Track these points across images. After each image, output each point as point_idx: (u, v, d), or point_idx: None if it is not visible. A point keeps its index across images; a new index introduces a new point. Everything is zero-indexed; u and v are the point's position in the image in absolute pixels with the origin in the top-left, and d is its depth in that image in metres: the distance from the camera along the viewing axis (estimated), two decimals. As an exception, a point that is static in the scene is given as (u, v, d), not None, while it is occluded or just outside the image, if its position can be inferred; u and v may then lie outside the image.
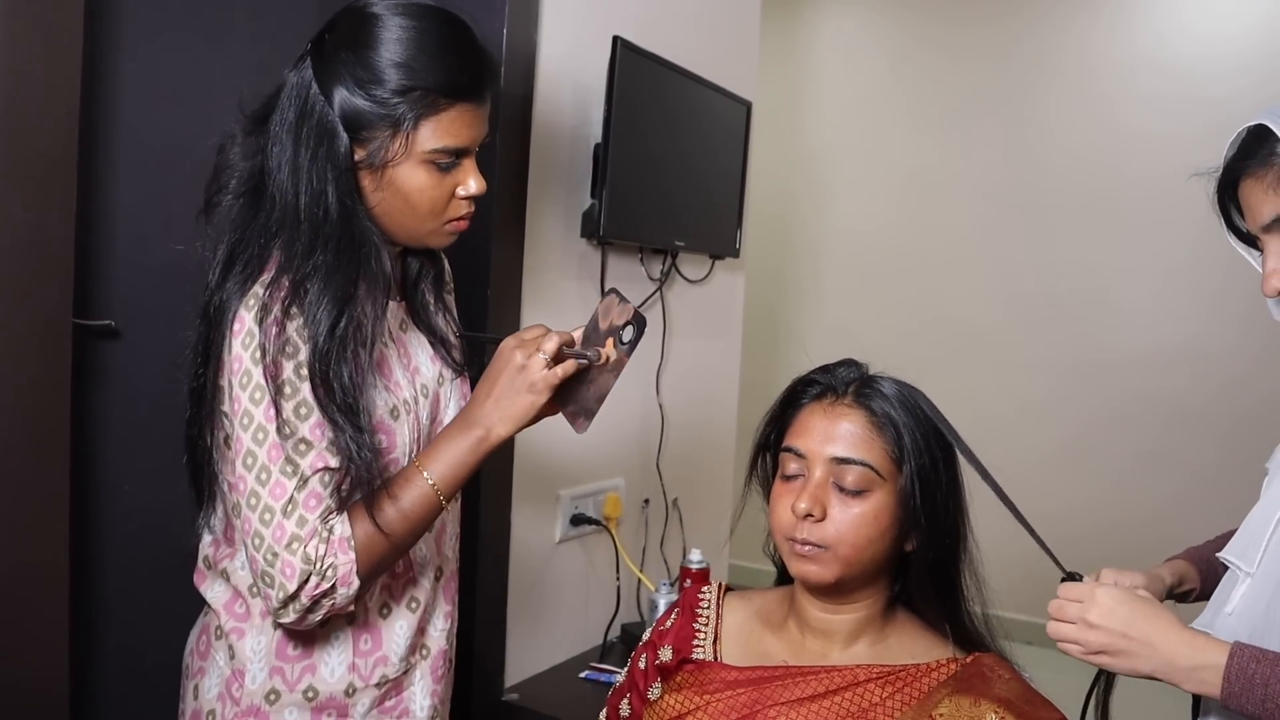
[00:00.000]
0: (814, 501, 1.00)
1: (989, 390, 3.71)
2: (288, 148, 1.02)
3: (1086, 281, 3.62)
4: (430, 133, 1.02)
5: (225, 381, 1.01)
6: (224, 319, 1.00)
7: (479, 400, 1.06)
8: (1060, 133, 3.65)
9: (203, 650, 1.11)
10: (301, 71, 1.03)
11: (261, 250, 1.02)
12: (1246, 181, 0.95)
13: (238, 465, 0.99)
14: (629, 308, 1.14)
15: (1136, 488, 3.53)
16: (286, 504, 0.97)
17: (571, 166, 1.92)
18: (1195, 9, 3.46)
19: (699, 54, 2.19)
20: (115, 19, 1.32)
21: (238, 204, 1.05)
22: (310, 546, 0.97)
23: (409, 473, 1.05)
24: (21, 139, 1.06)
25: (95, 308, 1.33)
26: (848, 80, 4.10)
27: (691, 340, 2.32)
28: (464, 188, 1.07)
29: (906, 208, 3.94)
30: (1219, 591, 1.04)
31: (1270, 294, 0.95)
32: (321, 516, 0.98)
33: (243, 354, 0.98)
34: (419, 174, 1.04)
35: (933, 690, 0.99)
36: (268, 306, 0.98)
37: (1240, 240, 1.03)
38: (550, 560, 1.96)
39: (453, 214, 1.09)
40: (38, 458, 1.10)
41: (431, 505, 1.05)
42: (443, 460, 1.05)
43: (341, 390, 0.99)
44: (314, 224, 1.01)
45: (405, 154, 1.02)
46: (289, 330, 0.98)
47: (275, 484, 0.97)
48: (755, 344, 3.32)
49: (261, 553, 0.97)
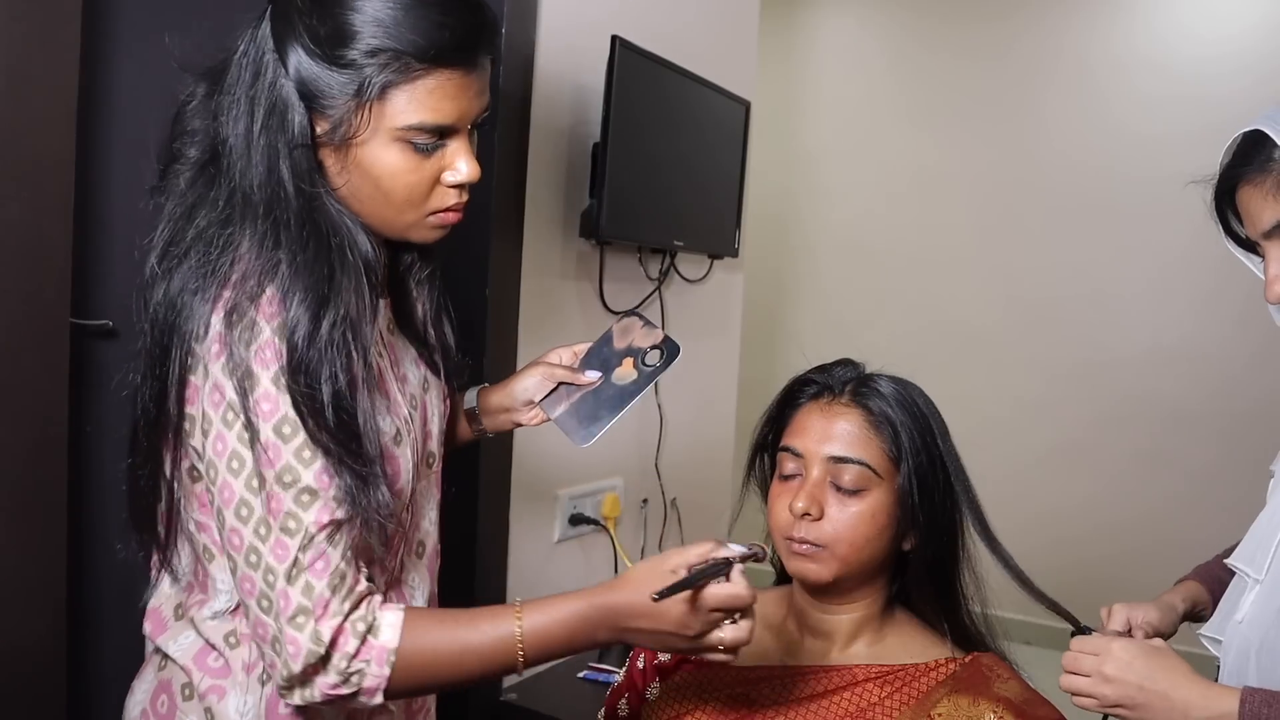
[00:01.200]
0: (811, 501, 1.00)
1: (986, 390, 3.71)
2: (242, 115, 0.86)
3: (1084, 282, 3.62)
4: (404, 104, 0.85)
5: (198, 410, 0.84)
6: (183, 326, 0.84)
7: (634, 611, 0.85)
8: (1058, 133, 3.66)
9: (164, 714, 0.92)
10: (259, 26, 0.87)
11: (218, 237, 0.86)
12: (1245, 188, 0.94)
13: (228, 515, 0.83)
14: (659, 333, 1.10)
15: (1133, 487, 3.53)
16: (290, 568, 0.81)
17: (570, 166, 1.92)
18: (1193, 10, 3.46)
19: (698, 54, 2.19)
20: (113, 19, 1.32)
21: (192, 176, 0.89)
22: (324, 624, 0.81)
23: (500, 612, 0.86)
24: (19, 139, 1.06)
25: (93, 308, 1.32)
26: (846, 80, 4.10)
27: (690, 340, 2.31)
28: (451, 173, 0.90)
29: (904, 207, 3.95)
30: (1227, 597, 1.03)
31: (1273, 300, 0.94)
32: (331, 584, 0.82)
33: (225, 382, 0.82)
34: (390, 154, 0.86)
35: (931, 690, 0.99)
36: (252, 320, 0.82)
37: (1239, 246, 1.02)
38: (549, 560, 1.96)
39: (437, 204, 0.91)
40: (35, 458, 1.10)
41: (506, 662, 0.85)
42: (548, 623, 0.85)
43: (335, 414, 0.83)
44: (269, 208, 0.85)
45: (371, 129, 0.85)
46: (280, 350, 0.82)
47: (276, 542, 0.81)
48: (754, 343, 3.32)
49: (271, 617, 0.82)
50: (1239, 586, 1.01)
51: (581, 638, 0.87)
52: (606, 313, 2.03)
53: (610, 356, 1.10)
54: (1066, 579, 3.43)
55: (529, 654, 0.85)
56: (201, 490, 0.87)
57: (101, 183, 1.32)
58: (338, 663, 0.81)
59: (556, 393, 1.12)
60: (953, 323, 3.85)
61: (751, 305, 3.01)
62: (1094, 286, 3.61)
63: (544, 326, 1.88)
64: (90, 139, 1.28)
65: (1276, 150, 0.90)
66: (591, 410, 1.08)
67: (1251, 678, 0.95)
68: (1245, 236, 0.99)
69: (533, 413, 1.14)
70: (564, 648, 0.87)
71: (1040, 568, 1.08)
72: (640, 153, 1.96)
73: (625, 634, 0.87)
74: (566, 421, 1.09)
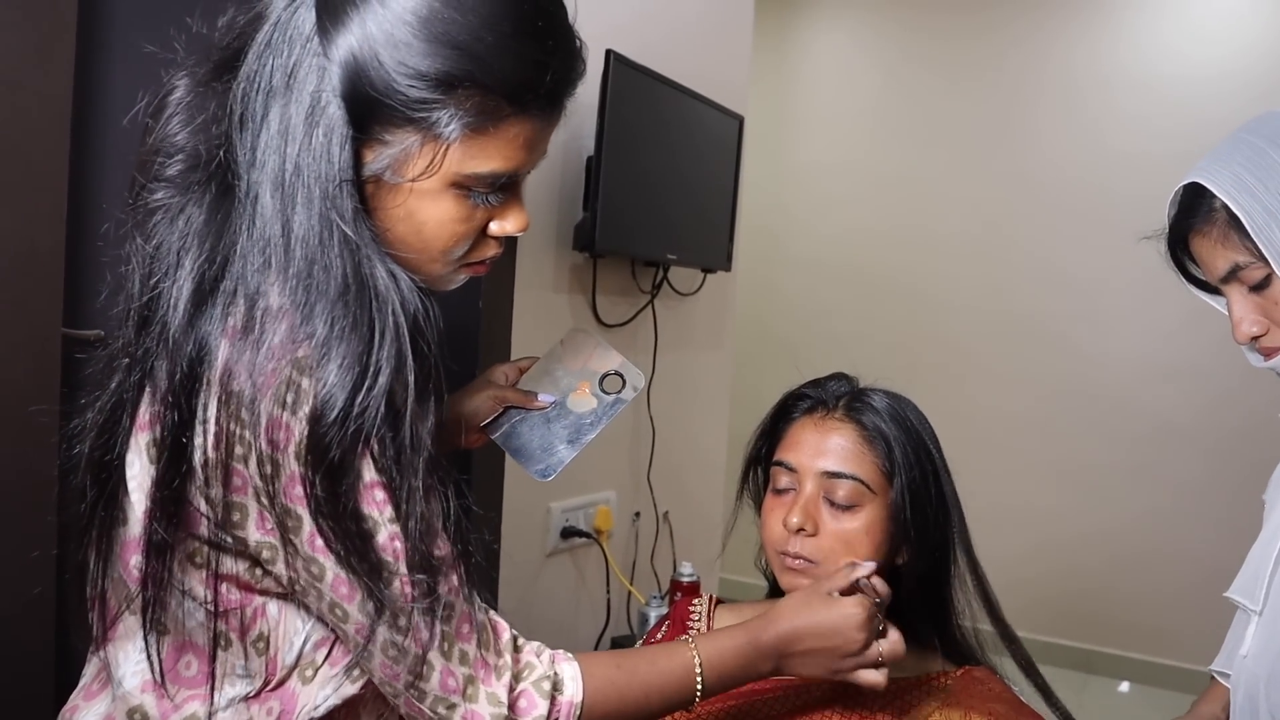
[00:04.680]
0: (805, 516, 1.00)
1: (977, 404, 3.73)
2: (269, 129, 0.68)
3: (1074, 296, 3.65)
4: (478, 150, 0.71)
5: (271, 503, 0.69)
6: (235, 405, 0.67)
7: (797, 636, 0.86)
8: (1048, 149, 3.69)
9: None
10: (293, 12, 0.69)
11: (254, 288, 0.68)
12: (1195, 238, 0.97)
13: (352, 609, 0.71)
14: (615, 356, 1.03)
15: (1123, 501, 3.54)
16: (441, 642, 0.73)
17: (564, 179, 1.92)
18: (1179, 32, 3.49)
19: (691, 68, 2.20)
20: (107, 28, 1.32)
21: (192, 203, 0.71)
22: (495, 686, 0.75)
23: (675, 647, 0.85)
24: (13, 148, 1.06)
25: (85, 319, 1.32)
26: (838, 95, 4.13)
27: (683, 353, 2.33)
28: (499, 223, 0.77)
29: (896, 222, 3.97)
30: (1233, 631, 1.03)
31: (1242, 341, 0.97)
32: (480, 641, 0.75)
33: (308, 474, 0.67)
34: (444, 202, 0.73)
35: (923, 703, 0.99)
36: (313, 404, 0.66)
37: (1200, 289, 1.05)
38: (540, 573, 1.95)
39: (475, 256, 0.79)
40: (27, 469, 1.10)
41: (685, 695, 0.83)
42: (722, 651, 0.85)
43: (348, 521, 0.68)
44: (308, 257, 0.68)
45: (432, 173, 0.71)
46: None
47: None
48: (746, 357, 3.33)
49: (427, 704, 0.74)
50: (1242, 620, 1.01)
51: (750, 668, 0.87)
52: (600, 326, 2.03)
53: (562, 377, 1.03)
54: (1057, 590, 3.46)
55: (707, 683, 0.84)
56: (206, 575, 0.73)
57: (94, 192, 1.32)
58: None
59: (504, 415, 1.04)
60: (945, 337, 3.86)
61: (744, 319, 3.02)
62: (1084, 301, 3.63)
63: (537, 339, 1.88)
64: (83, 148, 1.28)
65: (1216, 200, 0.92)
66: (545, 439, 1.01)
67: (1263, 712, 0.94)
68: (1205, 279, 1.01)
69: (474, 437, 1.03)
70: (736, 676, 0.87)
71: (1031, 578, 1.09)
72: (634, 166, 1.96)
73: (790, 659, 0.88)
74: (520, 451, 1.02)
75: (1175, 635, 3.35)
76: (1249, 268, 0.92)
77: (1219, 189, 0.91)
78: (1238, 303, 0.95)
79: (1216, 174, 0.92)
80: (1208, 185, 0.92)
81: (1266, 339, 0.95)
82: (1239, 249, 0.92)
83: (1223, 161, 0.93)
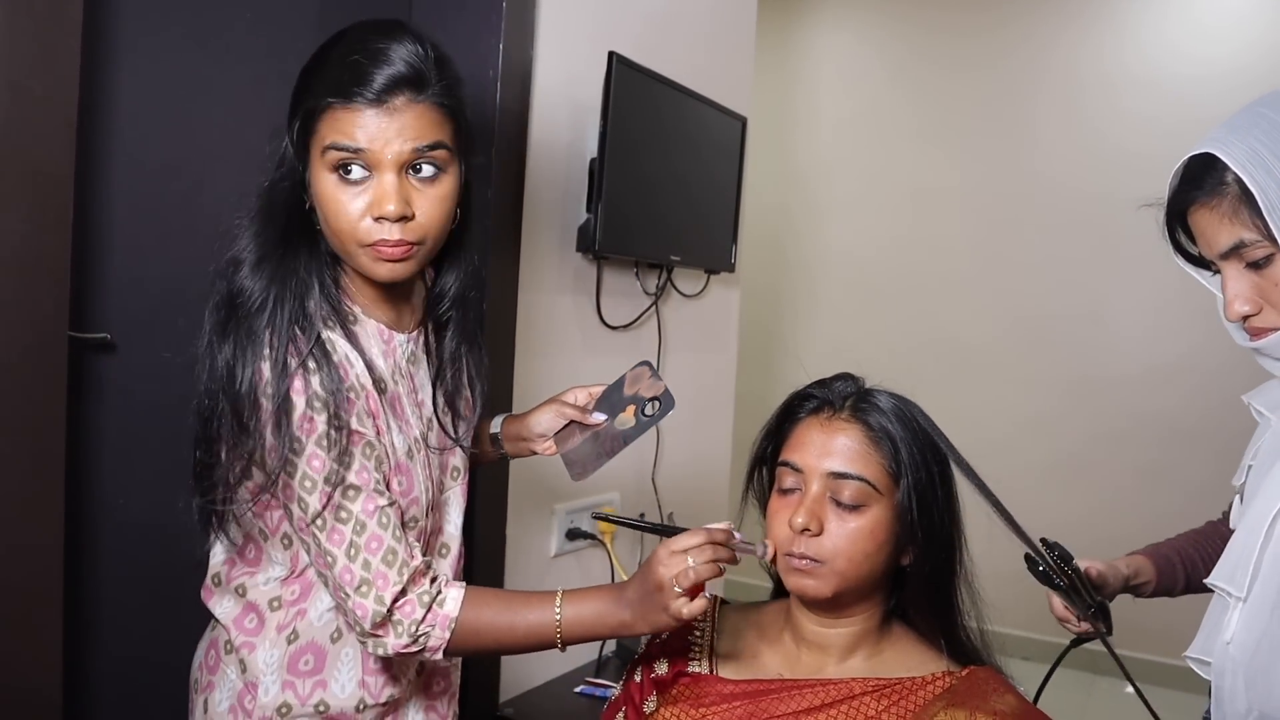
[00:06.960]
0: (811, 516, 1.00)
1: (984, 407, 3.72)
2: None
3: (1081, 298, 3.64)
4: (325, 128, 0.97)
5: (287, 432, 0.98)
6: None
7: (633, 590, 1.00)
8: (1054, 150, 3.68)
9: (211, 665, 1.11)
10: None
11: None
12: (1198, 210, 0.94)
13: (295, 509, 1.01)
14: (661, 385, 1.21)
15: (1132, 504, 3.53)
16: (349, 549, 0.99)
17: (567, 181, 1.93)
18: (1183, 31, 3.49)
19: (695, 70, 2.20)
20: (113, 33, 1.33)
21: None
22: (385, 592, 0.98)
23: (545, 598, 1.03)
24: (19, 153, 1.06)
25: (91, 321, 1.32)
26: (842, 96, 4.13)
27: (686, 354, 2.33)
28: (375, 206, 0.97)
29: (901, 223, 3.96)
30: (1210, 618, 1.02)
31: (1233, 319, 0.95)
32: (385, 559, 0.99)
33: (303, 407, 0.98)
34: (323, 178, 0.98)
35: (928, 703, 0.99)
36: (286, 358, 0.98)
37: (1189, 263, 1.03)
38: (546, 574, 1.95)
39: (365, 238, 0.98)
40: (33, 471, 1.10)
41: (545, 639, 1.02)
42: (583, 609, 1.02)
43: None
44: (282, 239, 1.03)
45: (306, 150, 0.99)
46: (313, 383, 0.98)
47: (333, 530, 1.00)
48: (750, 358, 3.33)
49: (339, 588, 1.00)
50: (1220, 605, 1.00)
51: (608, 618, 1.01)
52: (604, 327, 2.04)
53: (619, 401, 1.22)
54: (1063, 594, 3.44)
55: (566, 635, 1.01)
56: (253, 485, 1.01)
57: (101, 195, 1.33)
58: (409, 627, 0.99)
59: (568, 428, 1.25)
60: (950, 339, 3.85)
61: (748, 320, 3.02)
62: (1092, 303, 3.62)
63: (541, 341, 1.89)
64: (90, 152, 1.29)
65: (1229, 173, 0.90)
66: (591, 450, 1.21)
67: (1242, 700, 0.94)
68: (1197, 254, 0.99)
69: (546, 444, 1.26)
70: (593, 630, 1.02)
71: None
72: (637, 168, 1.97)
73: (630, 607, 0.99)
74: (569, 457, 1.23)
75: (1183, 636, 3.33)
76: (1253, 245, 0.90)
77: (1234, 162, 0.88)
78: (1233, 280, 0.93)
79: (1232, 146, 0.89)
80: (1222, 157, 0.90)
81: (1258, 319, 0.94)
82: (1247, 225, 0.89)
83: (1239, 134, 0.90)
